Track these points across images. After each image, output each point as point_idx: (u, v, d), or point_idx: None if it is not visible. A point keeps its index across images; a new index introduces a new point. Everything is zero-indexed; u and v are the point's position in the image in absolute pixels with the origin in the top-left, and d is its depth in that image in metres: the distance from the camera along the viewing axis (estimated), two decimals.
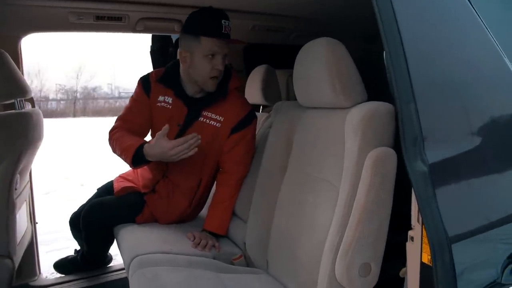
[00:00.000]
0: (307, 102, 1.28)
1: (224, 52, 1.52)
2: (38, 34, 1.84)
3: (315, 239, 1.12)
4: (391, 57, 0.61)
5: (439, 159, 0.62)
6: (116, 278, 2.02)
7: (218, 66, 1.51)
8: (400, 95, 0.61)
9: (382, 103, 1.08)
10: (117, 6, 1.77)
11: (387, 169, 0.99)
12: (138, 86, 1.68)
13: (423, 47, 0.64)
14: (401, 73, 0.61)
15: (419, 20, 0.66)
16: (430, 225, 0.60)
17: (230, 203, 1.64)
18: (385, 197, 0.99)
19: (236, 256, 1.51)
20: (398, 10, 0.61)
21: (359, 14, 1.95)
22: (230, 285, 1.22)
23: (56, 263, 1.99)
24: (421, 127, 0.61)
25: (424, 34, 0.65)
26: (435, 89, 0.64)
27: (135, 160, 1.48)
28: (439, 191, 0.61)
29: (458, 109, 0.66)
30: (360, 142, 1.02)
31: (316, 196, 1.17)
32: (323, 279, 1.03)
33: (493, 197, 0.67)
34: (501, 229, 0.65)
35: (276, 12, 2.02)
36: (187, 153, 1.40)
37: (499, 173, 0.68)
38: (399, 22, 0.61)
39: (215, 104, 1.60)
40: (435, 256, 0.60)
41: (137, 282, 1.22)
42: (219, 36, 1.48)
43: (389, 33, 0.61)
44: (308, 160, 1.25)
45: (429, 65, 0.64)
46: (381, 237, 1.00)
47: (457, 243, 0.60)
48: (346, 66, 1.13)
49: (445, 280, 0.60)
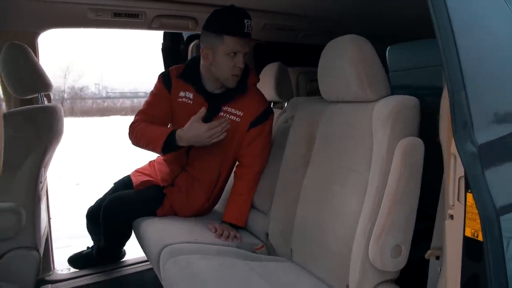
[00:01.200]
0: (332, 96, 1.34)
1: (245, 50, 1.57)
2: (55, 30, 1.85)
3: (345, 225, 1.18)
4: (443, 48, 0.68)
5: (487, 140, 0.69)
6: (131, 272, 2.04)
7: (239, 64, 1.56)
8: (452, 83, 0.67)
9: (407, 96, 1.15)
10: (135, 3, 1.80)
11: (416, 157, 1.07)
12: (159, 81, 1.72)
13: (471, 39, 0.71)
14: (452, 62, 0.67)
15: (468, 14, 0.73)
16: (480, 200, 0.67)
17: (249, 196, 1.69)
18: (414, 184, 1.07)
19: (258, 246, 1.56)
20: (450, 7, 0.68)
21: (366, 14, 2.04)
22: (260, 272, 1.27)
23: (70, 258, 2.00)
24: (471, 112, 0.68)
25: (472, 28, 0.72)
26: (481, 77, 0.71)
27: (166, 146, 1.53)
28: (487, 169, 0.68)
29: (501, 96, 0.74)
30: (390, 133, 1.09)
31: (343, 185, 1.23)
32: (356, 262, 1.09)
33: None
34: None
35: (287, 11, 2.08)
36: (219, 135, 1.48)
37: None
38: (451, 17, 0.68)
39: (235, 99, 1.65)
40: (485, 228, 0.67)
41: (171, 270, 1.26)
42: (242, 35, 1.53)
43: (441, 25, 0.68)
44: (334, 152, 1.31)
45: (477, 55, 0.71)
46: (411, 221, 1.07)
47: (505, 215, 0.67)
48: (372, 62, 1.20)
49: (494, 250, 0.67)
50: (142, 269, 2.04)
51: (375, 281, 1.09)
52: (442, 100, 0.94)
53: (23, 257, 1.40)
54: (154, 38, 7.54)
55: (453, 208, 0.81)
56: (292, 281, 1.24)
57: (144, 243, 1.56)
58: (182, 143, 1.51)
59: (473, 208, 0.73)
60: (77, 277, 1.96)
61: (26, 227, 1.40)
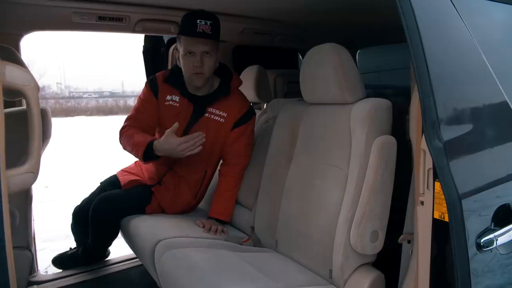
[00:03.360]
0: (314, 98, 1.47)
1: (201, 49, 1.63)
2: (39, 33, 1.87)
3: (326, 215, 1.31)
4: (415, 60, 0.81)
5: (451, 137, 0.83)
6: (116, 270, 2.08)
7: (196, 63, 1.63)
8: (422, 90, 0.81)
9: (381, 99, 1.29)
10: (119, 7, 1.85)
11: (390, 153, 1.21)
12: (146, 87, 1.79)
13: (437, 53, 0.85)
14: (423, 73, 0.81)
15: (436, 32, 0.87)
16: (446, 187, 0.81)
17: (234, 192, 1.79)
18: (389, 176, 1.21)
19: (245, 239, 1.67)
20: (421, 25, 0.81)
21: (338, 21, 2.20)
22: (250, 261, 1.37)
23: (54, 259, 2.01)
24: (437, 114, 0.82)
25: (438, 43, 0.86)
26: (446, 85, 0.85)
27: (146, 155, 1.59)
28: (451, 161, 0.82)
29: (463, 100, 0.89)
30: (367, 132, 1.23)
31: (324, 179, 1.36)
32: (339, 247, 1.22)
33: (490, 164, 0.90)
34: (495, 188, 0.88)
35: (264, 17, 2.20)
36: (192, 149, 1.54)
37: (494, 146, 0.92)
38: (421, 33, 0.81)
39: (219, 101, 1.74)
40: (450, 210, 0.81)
41: (168, 262, 1.34)
42: (192, 34, 1.61)
43: (414, 42, 0.81)
44: (315, 149, 1.43)
45: (441, 67, 0.85)
46: (386, 209, 1.21)
47: (465, 199, 0.82)
48: (350, 67, 1.34)
49: (458, 227, 0.81)
50: (127, 267, 2.08)
51: (355, 264, 1.23)
52: (412, 103, 1.09)
53: (17, 256, 1.42)
54: (119, 38, 7.42)
55: (423, 195, 0.95)
56: (281, 268, 1.35)
57: (135, 239, 1.62)
58: (159, 153, 1.58)
59: (440, 194, 0.87)
60: (62, 277, 1.98)
61: (19, 228, 1.42)
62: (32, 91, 0.71)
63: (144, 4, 1.88)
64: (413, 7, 0.83)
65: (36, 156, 0.73)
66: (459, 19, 0.96)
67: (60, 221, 3.12)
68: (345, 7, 1.86)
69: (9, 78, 0.72)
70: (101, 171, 1.99)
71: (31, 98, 0.71)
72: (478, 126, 0.90)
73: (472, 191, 0.84)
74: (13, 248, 1.43)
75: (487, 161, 0.91)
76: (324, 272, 1.29)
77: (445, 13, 0.94)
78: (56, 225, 3.27)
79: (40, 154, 0.75)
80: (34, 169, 0.72)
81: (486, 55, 0.98)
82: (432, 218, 0.90)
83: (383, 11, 1.88)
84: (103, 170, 1.98)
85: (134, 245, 1.68)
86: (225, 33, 2.27)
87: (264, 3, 1.91)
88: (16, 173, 0.74)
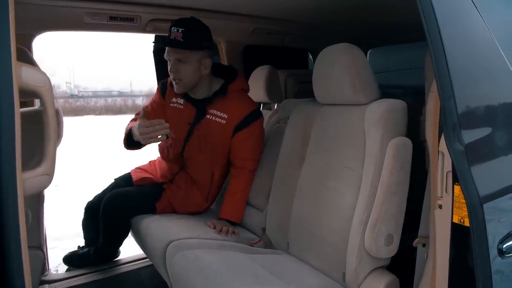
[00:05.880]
0: (327, 99, 1.45)
1: (173, 56, 1.63)
2: (51, 33, 1.88)
3: (340, 217, 1.29)
4: (436, 61, 0.79)
5: (472, 140, 0.81)
6: (126, 270, 2.08)
7: (170, 69, 1.66)
8: (442, 92, 0.79)
9: (396, 100, 1.27)
10: (130, 7, 1.85)
11: (406, 155, 1.19)
12: (157, 89, 1.86)
13: (457, 53, 0.83)
14: (444, 75, 0.79)
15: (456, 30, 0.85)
16: (467, 191, 0.79)
17: (244, 194, 1.78)
18: (404, 179, 1.19)
19: (256, 240, 1.66)
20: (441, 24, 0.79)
21: (349, 20, 2.17)
22: (261, 263, 1.36)
23: (65, 257, 2.02)
24: (458, 116, 0.80)
25: (458, 43, 0.84)
26: (466, 86, 0.83)
27: (128, 141, 1.66)
28: (472, 165, 0.80)
29: (481, 101, 0.86)
30: (382, 133, 1.21)
31: (338, 181, 1.34)
32: (353, 250, 1.20)
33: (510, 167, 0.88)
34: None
35: (275, 16, 2.18)
36: (153, 137, 1.52)
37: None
38: (441, 32, 0.79)
39: (217, 102, 1.73)
40: (471, 214, 0.79)
41: (179, 263, 1.33)
42: (162, 42, 1.67)
43: (434, 41, 0.79)
44: (328, 150, 1.41)
45: (462, 67, 0.83)
46: (401, 212, 1.19)
47: (487, 203, 0.80)
48: (364, 67, 1.32)
49: (479, 233, 0.79)
50: (138, 267, 2.08)
51: (369, 268, 1.21)
52: (428, 104, 1.06)
53: (30, 257, 1.43)
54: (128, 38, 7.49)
55: (441, 199, 0.93)
56: (293, 270, 1.34)
57: (146, 239, 1.62)
58: (135, 139, 1.59)
59: (459, 198, 0.85)
60: (73, 276, 1.99)
61: (32, 228, 1.43)
62: (47, 92, 0.71)
63: (155, 4, 1.88)
64: (433, 5, 0.81)
65: (52, 158, 0.72)
66: (479, 17, 0.94)
67: (70, 220, 3.16)
68: (357, 6, 1.83)
69: (25, 79, 0.71)
70: (110, 169, 2.00)
71: (46, 99, 0.70)
72: (499, 128, 0.88)
73: (494, 195, 0.82)
74: None
75: (509, 164, 0.88)
76: (337, 275, 1.28)
77: (465, 11, 0.91)
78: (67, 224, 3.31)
79: (55, 155, 0.74)
80: (49, 171, 0.72)
81: (506, 55, 0.95)
82: (451, 222, 0.87)
83: (395, 10, 1.86)
84: (112, 169, 1.99)
85: (145, 245, 1.68)
86: (235, 32, 2.28)
87: (275, 3, 1.90)
88: (31, 175, 0.73)
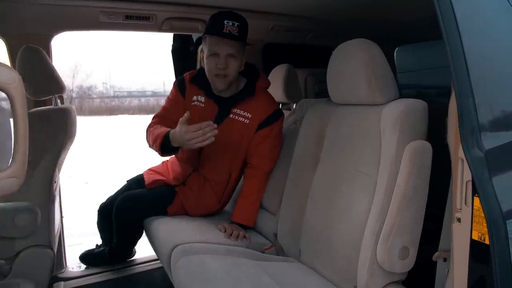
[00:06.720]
0: (341, 99, 1.36)
1: (226, 51, 1.57)
2: (69, 33, 1.89)
3: (352, 226, 1.20)
4: (452, 56, 0.69)
5: (494, 146, 0.71)
6: (141, 270, 2.08)
7: (220, 64, 1.58)
8: (459, 89, 0.69)
9: (416, 100, 1.16)
10: (146, 6, 1.83)
11: (424, 160, 1.08)
12: (174, 87, 1.78)
13: (479, 48, 0.72)
14: (461, 71, 0.69)
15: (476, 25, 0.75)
16: (487, 204, 0.69)
17: (258, 196, 1.72)
18: (422, 186, 1.08)
19: (267, 246, 1.59)
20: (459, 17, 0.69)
21: (370, 17, 2.05)
22: (269, 272, 1.29)
23: (82, 255, 2.04)
24: (478, 119, 0.70)
25: (479, 37, 0.74)
26: (489, 83, 0.73)
27: (163, 147, 1.56)
28: (494, 174, 0.70)
29: (505, 102, 0.75)
30: (399, 135, 1.10)
31: (351, 186, 1.25)
32: (364, 263, 1.11)
33: None
34: None
35: (295, 13, 2.10)
36: (202, 141, 1.43)
37: None
38: (459, 27, 0.69)
39: (243, 102, 1.68)
40: (492, 231, 0.68)
41: (183, 268, 1.29)
42: (218, 34, 1.55)
43: (450, 36, 0.69)
44: (343, 153, 1.32)
45: (485, 59, 0.72)
46: (418, 223, 1.09)
47: (510, 220, 0.69)
48: (381, 65, 1.22)
49: (501, 253, 0.68)
50: (152, 268, 2.08)
51: (382, 282, 1.11)
52: (450, 104, 0.95)
53: (38, 255, 1.44)
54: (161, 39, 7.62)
55: (460, 211, 0.82)
56: (301, 281, 1.26)
57: (155, 242, 1.60)
58: (174, 144, 1.52)
59: (480, 211, 0.75)
60: (88, 274, 2.00)
61: (41, 226, 1.43)
62: (16, 90, 0.66)
63: (171, 2, 1.86)
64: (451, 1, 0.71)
65: (20, 161, 0.68)
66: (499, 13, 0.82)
67: None
68: (379, 1, 1.72)
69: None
70: (139, 167, 2.01)
71: (15, 98, 0.66)
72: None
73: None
74: (34, 246, 1.47)
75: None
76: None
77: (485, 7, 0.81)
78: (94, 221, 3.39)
79: (26, 158, 0.70)
80: (17, 174, 0.68)
81: None
82: (470, 238, 0.77)
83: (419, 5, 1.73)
84: (141, 167, 2.00)
85: (155, 247, 1.65)
86: (254, 30, 2.20)
87: None
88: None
